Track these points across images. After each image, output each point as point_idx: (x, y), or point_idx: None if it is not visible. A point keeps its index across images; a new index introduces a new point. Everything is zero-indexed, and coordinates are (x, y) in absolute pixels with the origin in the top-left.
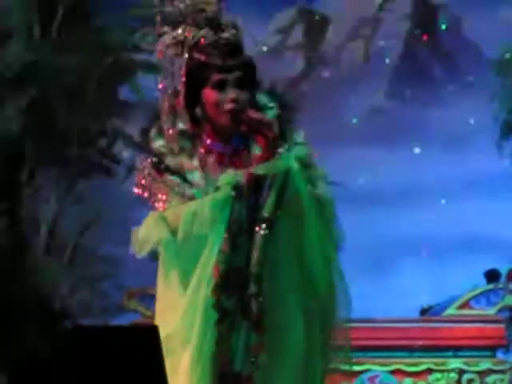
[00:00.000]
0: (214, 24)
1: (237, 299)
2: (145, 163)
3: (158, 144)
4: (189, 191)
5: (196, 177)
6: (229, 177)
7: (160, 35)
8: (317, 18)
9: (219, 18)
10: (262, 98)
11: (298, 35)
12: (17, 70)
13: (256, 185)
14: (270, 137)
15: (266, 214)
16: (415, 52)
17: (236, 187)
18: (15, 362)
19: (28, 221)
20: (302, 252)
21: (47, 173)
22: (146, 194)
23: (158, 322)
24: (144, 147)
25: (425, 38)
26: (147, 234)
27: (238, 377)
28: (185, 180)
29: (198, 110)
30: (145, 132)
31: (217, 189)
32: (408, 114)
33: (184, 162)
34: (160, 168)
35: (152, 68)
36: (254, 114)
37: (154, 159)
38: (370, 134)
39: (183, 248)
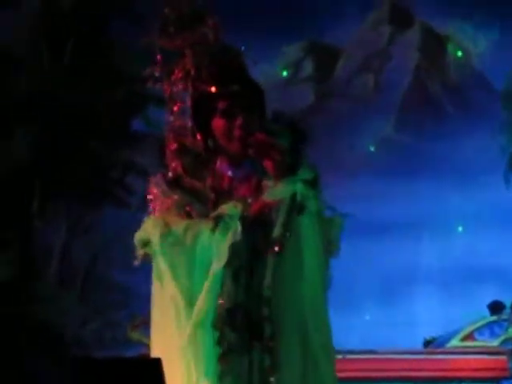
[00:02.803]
0: (215, 53)
1: (242, 334)
2: (157, 176)
3: (175, 163)
4: (199, 210)
5: (207, 197)
6: (232, 208)
7: (162, 72)
8: (327, 51)
9: (219, 46)
10: (276, 126)
11: (308, 68)
12: (27, 100)
13: (263, 217)
14: (277, 160)
15: (275, 236)
16: (424, 84)
17: (241, 220)
18: None
19: (40, 250)
20: (299, 279)
21: (58, 202)
22: (152, 206)
23: (155, 332)
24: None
25: (437, 62)
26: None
27: None
28: (195, 199)
29: (210, 141)
30: (162, 150)
31: (218, 217)
32: (418, 145)
33: (196, 183)
34: (172, 184)
35: (163, 101)
36: (262, 137)
37: (168, 175)
38: (380, 165)
39: (179, 257)
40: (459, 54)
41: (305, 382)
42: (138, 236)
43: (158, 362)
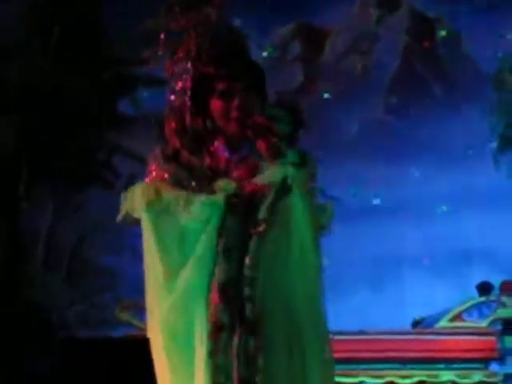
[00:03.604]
0: (217, 35)
1: (234, 311)
2: (156, 150)
3: (174, 141)
4: (194, 186)
5: (203, 175)
6: (226, 184)
7: (165, 52)
8: (315, 32)
9: (221, 28)
10: (277, 112)
11: (296, 49)
12: (14, 86)
13: (254, 200)
14: (271, 142)
15: (260, 217)
16: (413, 66)
17: (231, 196)
18: (11, 371)
19: (26, 233)
20: (288, 260)
21: (45, 185)
22: (149, 179)
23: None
24: (142, 158)
25: (425, 45)
26: (131, 199)
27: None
28: (191, 175)
29: (208, 122)
30: (161, 126)
31: (211, 192)
32: (406, 127)
33: (194, 159)
34: (169, 158)
35: (154, 82)
36: (258, 119)
37: (167, 149)
38: (369, 147)
39: (166, 226)
40: (443, 32)
41: (290, 367)
42: (124, 198)
43: (144, 342)
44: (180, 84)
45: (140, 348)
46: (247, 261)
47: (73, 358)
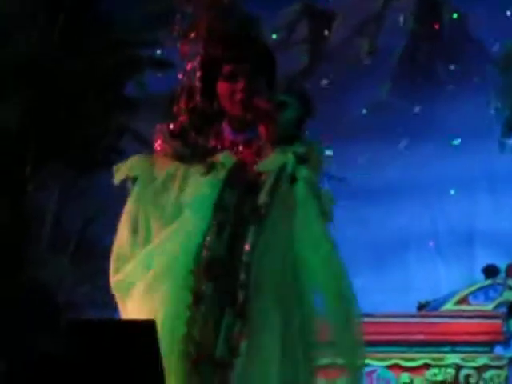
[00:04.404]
0: (228, 17)
1: (215, 287)
2: (162, 125)
3: (182, 118)
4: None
5: (207, 155)
6: (225, 157)
7: (179, 33)
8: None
9: (233, 10)
10: (285, 97)
11: (302, 31)
12: (19, 68)
13: (254, 182)
14: (270, 127)
15: (259, 203)
16: (419, 49)
17: (231, 170)
18: (18, 353)
19: (32, 214)
20: (289, 247)
21: (51, 167)
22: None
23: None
24: (149, 142)
25: (432, 27)
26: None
27: (218, 362)
28: (195, 155)
29: (216, 104)
30: (171, 102)
31: (211, 165)
32: (412, 110)
33: (200, 140)
34: (175, 134)
35: (160, 64)
36: (260, 103)
37: (173, 127)
38: (374, 129)
39: (158, 198)
40: (455, 15)
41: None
42: (118, 168)
43: (151, 324)
44: (190, 65)
45: (147, 329)
46: (246, 247)
47: (79, 340)
